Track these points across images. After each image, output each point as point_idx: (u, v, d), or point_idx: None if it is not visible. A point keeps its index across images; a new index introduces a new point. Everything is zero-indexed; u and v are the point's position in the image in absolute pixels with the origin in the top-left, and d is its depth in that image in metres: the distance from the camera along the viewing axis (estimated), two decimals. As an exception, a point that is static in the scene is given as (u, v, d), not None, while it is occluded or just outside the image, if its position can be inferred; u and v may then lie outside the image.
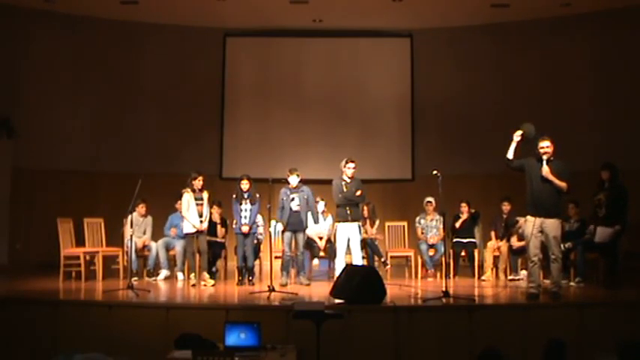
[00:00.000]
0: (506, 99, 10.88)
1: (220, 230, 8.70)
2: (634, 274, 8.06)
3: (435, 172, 7.14)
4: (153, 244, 8.60)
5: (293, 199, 8.13)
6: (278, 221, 8.17)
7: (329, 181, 8.13)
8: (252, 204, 8.12)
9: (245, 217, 8.09)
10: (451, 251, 8.74)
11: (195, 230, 7.94)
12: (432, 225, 8.93)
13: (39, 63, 10.39)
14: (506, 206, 8.73)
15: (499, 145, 10.63)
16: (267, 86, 11.35)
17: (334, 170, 8.23)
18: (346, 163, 7.93)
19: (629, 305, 6.38)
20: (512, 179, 10.35)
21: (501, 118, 10.84)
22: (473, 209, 9.03)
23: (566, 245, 7.88)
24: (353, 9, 10.23)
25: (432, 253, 8.80)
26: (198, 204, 7.99)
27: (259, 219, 8.48)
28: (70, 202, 9.97)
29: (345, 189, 7.83)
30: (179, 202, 8.62)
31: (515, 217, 8.43)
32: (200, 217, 7.98)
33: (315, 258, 8.70)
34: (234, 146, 11.20)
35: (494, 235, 8.71)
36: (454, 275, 8.68)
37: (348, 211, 7.80)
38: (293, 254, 8.15)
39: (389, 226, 9.32)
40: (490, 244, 8.62)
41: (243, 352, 5.10)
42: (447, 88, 11.07)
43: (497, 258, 8.58)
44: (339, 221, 7.88)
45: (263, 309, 6.41)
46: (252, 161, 10.73)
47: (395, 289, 7.41)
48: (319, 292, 7.49)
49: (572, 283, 7.78)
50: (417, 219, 9.02)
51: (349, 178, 7.90)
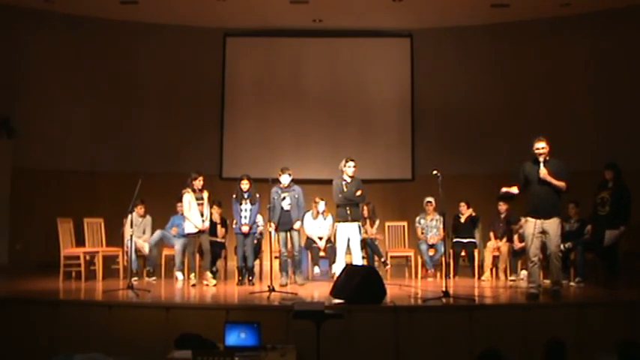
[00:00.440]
0: (506, 99, 10.88)
1: (220, 230, 8.71)
2: (634, 274, 8.06)
3: (435, 172, 7.15)
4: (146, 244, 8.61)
5: (284, 198, 8.10)
6: (269, 221, 8.12)
7: (329, 181, 8.13)
8: (252, 204, 8.12)
9: (245, 217, 8.09)
10: (451, 251, 8.74)
11: (198, 230, 7.95)
12: (432, 225, 8.93)
13: (39, 63, 10.38)
14: (502, 206, 8.71)
15: (499, 145, 10.82)
16: (267, 86, 11.35)
17: (334, 170, 8.22)
18: (346, 162, 7.93)
19: (629, 305, 6.37)
20: (512, 179, 10.44)
21: (501, 118, 10.89)
22: (473, 212, 9.01)
23: (566, 245, 7.89)
24: (353, 9, 10.23)
25: (432, 253, 8.80)
26: (199, 204, 8.00)
27: (259, 219, 8.48)
28: (70, 202, 9.96)
29: (345, 189, 7.83)
30: (179, 203, 8.65)
31: (519, 217, 8.43)
32: (201, 216, 7.99)
33: (317, 266, 8.60)
34: (234, 146, 11.20)
35: (493, 236, 8.70)
36: (454, 275, 8.68)
37: (348, 211, 7.81)
38: (289, 254, 8.15)
39: (389, 226, 9.32)
40: (490, 244, 8.61)
41: (243, 352, 5.10)
42: (447, 88, 11.07)
43: (496, 258, 8.58)
44: (339, 221, 7.88)
45: (263, 309, 6.41)
46: (252, 161, 10.72)
47: (395, 289, 7.41)
48: (319, 292, 7.50)
49: (572, 283, 7.78)
50: (417, 219, 9.03)
51: (349, 177, 7.90)
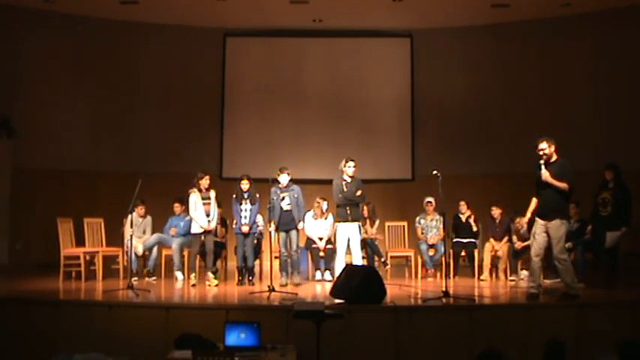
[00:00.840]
0: (507, 99, 10.88)
1: (220, 230, 8.71)
2: (634, 274, 8.06)
3: (435, 172, 7.15)
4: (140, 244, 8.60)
5: (283, 198, 8.10)
6: (269, 221, 8.12)
7: (329, 181, 8.13)
8: (252, 204, 8.12)
9: (245, 217, 8.09)
10: (451, 251, 8.74)
11: (203, 230, 7.96)
12: (432, 225, 8.92)
13: (39, 63, 10.38)
14: (495, 211, 8.66)
15: (499, 145, 10.82)
16: (267, 86, 11.34)
17: (334, 170, 8.22)
18: (346, 162, 7.93)
19: (629, 305, 6.37)
20: (512, 179, 10.45)
21: (501, 118, 10.89)
22: (472, 217, 9.01)
23: (567, 245, 7.87)
24: (353, 9, 10.22)
25: (432, 253, 8.80)
26: (205, 203, 8.00)
27: (259, 219, 8.47)
28: (70, 202, 9.96)
29: (345, 189, 7.83)
30: (176, 204, 8.73)
31: (517, 215, 8.43)
32: (207, 216, 8.00)
33: (318, 270, 8.54)
34: (234, 146, 11.20)
35: (492, 239, 8.66)
36: (454, 275, 8.68)
37: (348, 211, 7.81)
38: (289, 254, 8.15)
39: (389, 226, 9.32)
40: (487, 245, 8.59)
41: (243, 352, 5.10)
42: (447, 88, 11.07)
43: (495, 258, 8.55)
44: (339, 221, 7.88)
45: (263, 309, 6.41)
46: (252, 161, 10.72)
47: (395, 289, 7.41)
48: (319, 292, 7.50)
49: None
50: (417, 219, 9.02)
51: (349, 177, 7.90)
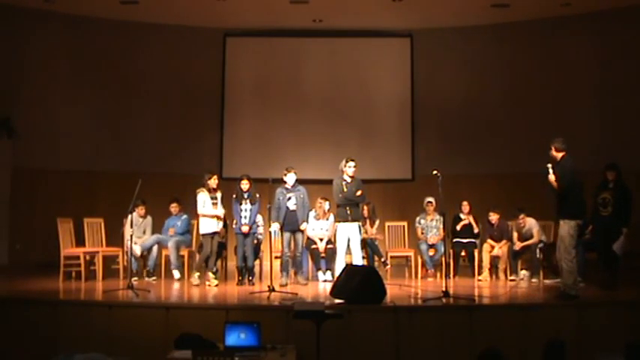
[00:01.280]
0: (507, 99, 10.87)
1: (220, 230, 8.69)
2: (634, 274, 8.06)
3: (435, 172, 7.15)
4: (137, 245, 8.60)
5: (290, 198, 8.12)
6: (274, 221, 8.10)
7: (329, 181, 8.14)
8: (252, 204, 8.12)
9: (245, 217, 8.09)
10: (451, 251, 8.74)
11: (213, 231, 7.97)
12: (432, 225, 8.92)
13: (39, 63, 10.37)
14: (493, 216, 8.60)
15: (499, 145, 10.81)
16: (267, 86, 11.34)
17: (334, 170, 8.23)
18: (346, 162, 7.94)
19: (629, 305, 6.37)
20: (512, 179, 10.47)
21: (501, 118, 10.88)
22: (473, 220, 9.00)
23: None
24: (353, 9, 10.22)
25: (432, 253, 8.79)
26: (213, 203, 8.01)
27: (259, 219, 8.47)
28: (70, 202, 9.97)
29: (345, 189, 7.83)
30: (173, 204, 8.74)
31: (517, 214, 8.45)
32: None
33: (320, 271, 8.49)
34: (234, 146, 11.19)
35: (490, 239, 8.64)
36: (454, 275, 8.67)
37: (348, 211, 7.81)
38: (292, 254, 8.14)
39: (389, 226, 9.31)
40: (486, 246, 8.57)
41: (243, 352, 5.11)
42: (447, 88, 11.06)
43: (495, 258, 8.53)
44: (339, 221, 7.89)
45: (263, 309, 6.41)
46: (252, 161, 10.72)
47: (395, 289, 7.41)
48: (319, 292, 7.50)
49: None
50: (417, 219, 9.01)
51: (350, 177, 7.90)
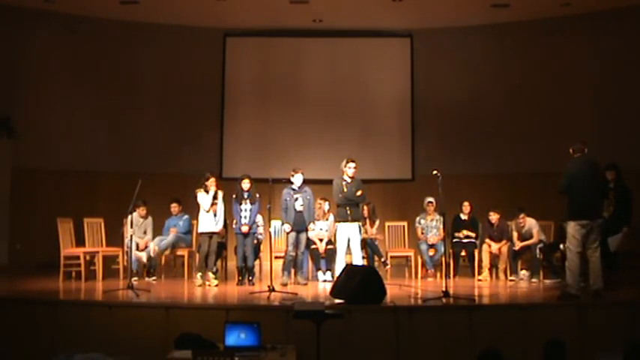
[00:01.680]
0: (506, 99, 10.87)
1: (220, 230, 8.70)
2: (634, 274, 8.05)
3: (435, 172, 7.15)
4: (151, 244, 8.62)
5: (297, 199, 8.13)
6: (284, 222, 8.13)
7: (329, 181, 8.14)
8: (252, 204, 8.12)
9: (245, 217, 8.09)
10: (451, 251, 8.74)
11: (210, 230, 8.00)
12: (432, 225, 8.92)
13: (39, 63, 10.38)
14: (493, 216, 8.59)
15: (499, 145, 10.81)
16: (267, 86, 11.35)
17: (334, 170, 8.23)
18: (347, 163, 7.94)
19: (629, 305, 6.37)
20: (512, 179, 10.47)
21: (501, 117, 10.89)
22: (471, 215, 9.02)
23: (567, 245, 7.90)
24: (353, 9, 10.22)
25: (432, 253, 8.79)
26: (212, 203, 8.03)
27: (259, 219, 8.47)
28: (70, 202, 9.97)
29: (345, 189, 7.83)
30: (173, 204, 8.76)
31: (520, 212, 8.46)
32: (214, 216, 8.04)
33: (320, 271, 8.49)
34: (234, 146, 11.19)
35: (489, 239, 8.63)
36: (454, 275, 8.67)
37: (348, 211, 7.81)
38: (296, 255, 8.14)
39: (389, 226, 9.31)
40: (485, 246, 8.57)
41: (243, 352, 5.10)
42: (447, 88, 11.06)
43: (495, 258, 8.54)
44: (339, 221, 7.89)
45: (263, 309, 6.41)
46: (252, 161, 10.72)
47: (395, 289, 7.40)
48: (319, 292, 7.50)
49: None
50: (417, 219, 9.01)
51: (350, 178, 7.90)
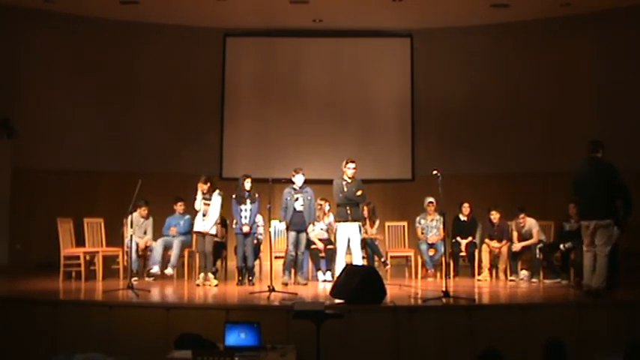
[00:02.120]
0: (507, 99, 10.87)
1: (220, 230, 8.70)
2: (634, 274, 8.06)
3: (435, 172, 7.15)
4: (154, 243, 8.62)
5: (297, 199, 8.13)
6: (281, 221, 8.14)
7: (329, 181, 8.14)
8: (252, 204, 8.13)
9: (245, 217, 8.09)
10: (451, 251, 8.74)
11: (199, 230, 8.00)
12: (432, 225, 8.92)
13: (39, 63, 10.37)
14: (494, 215, 8.56)
15: (499, 145, 10.82)
16: (267, 86, 11.35)
17: (334, 170, 8.23)
18: (347, 163, 7.95)
19: (629, 305, 6.38)
20: (512, 179, 10.47)
21: (501, 117, 10.89)
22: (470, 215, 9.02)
23: (566, 245, 7.92)
24: (353, 9, 10.22)
25: (432, 253, 8.79)
26: (205, 204, 8.03)
27: (259, 219, 8.47)
28: (70, 202, 9.96)
29: (346, 189, 7.84)
30: (179, 203, 8.79)
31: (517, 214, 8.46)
32: (204, 215, 8.02)
33: (320, 271, 8.47)
34: (234, 146, 11.19)
35: (488, 239, 8.63)
36: (454, 275, 8.67)
37: (348, 211, 7.82)
38: (297, 254, 8.14)
39: (389, 226, 9.31)
40: (485, 246, 8.57)
41: (243, 352, 5.10)
42: (447, 87, 11.06)
43: (495, 258, 8.54)
44: (339, 221, 7.89)
45: (263, 309, 6.40)
46: (252, 161, 10.73)
47: (395, 289, 7.41)
48: (319, 292, 7.50)
49: (572, 283, 7.79)
50: (418, 219, 9.01)
51: (350, 178, 7.91)
